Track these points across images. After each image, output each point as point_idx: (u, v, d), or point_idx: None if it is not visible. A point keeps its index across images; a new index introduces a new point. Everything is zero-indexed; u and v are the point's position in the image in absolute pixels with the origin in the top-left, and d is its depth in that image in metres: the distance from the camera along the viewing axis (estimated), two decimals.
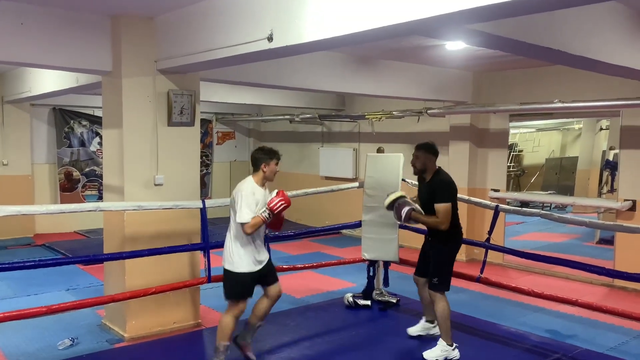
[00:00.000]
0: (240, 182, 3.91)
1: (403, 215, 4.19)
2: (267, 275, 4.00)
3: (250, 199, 3.75)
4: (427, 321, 4.72)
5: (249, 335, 4.13)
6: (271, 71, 5.53)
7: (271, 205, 3.74)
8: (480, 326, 4.96)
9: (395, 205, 4.29)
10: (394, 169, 5.42)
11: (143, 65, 4.51)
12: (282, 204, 3.75)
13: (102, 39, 4.46)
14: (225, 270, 3.89)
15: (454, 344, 4.23)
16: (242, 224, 3.72)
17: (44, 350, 4.38)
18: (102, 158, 5.07)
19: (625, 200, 6.42)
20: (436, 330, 4.52)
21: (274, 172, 3.88)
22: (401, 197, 4.32)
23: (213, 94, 7.47)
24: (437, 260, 4.29)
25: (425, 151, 4.32)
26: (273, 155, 3.86)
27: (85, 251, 7.39)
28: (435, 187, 4.21)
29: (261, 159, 3.85)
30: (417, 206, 4.27)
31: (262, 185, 3.89)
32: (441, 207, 4.11)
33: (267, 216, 3.73)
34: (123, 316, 4.64)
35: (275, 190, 3.86)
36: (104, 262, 4.96)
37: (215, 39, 3.90)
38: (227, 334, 3.93)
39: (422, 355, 4.20)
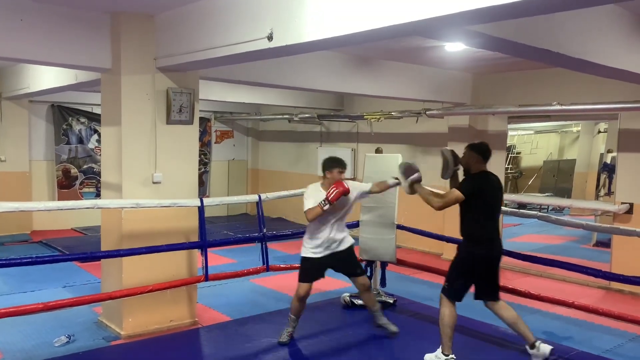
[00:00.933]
0: None
1: (410, 177, 4.12)
2: (342, 264, 4.53)
3: (309, 194, 4.41)
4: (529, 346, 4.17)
5: (378, 319, 4.73)
6: (270, 70, 5.53)
7: (327, 194, 4.22)
8: (477, 327, 4.97)
9: (407, 166, 4.23)
10: (392, 170, 5.42)
11: (142, 63, 4.51)
12: (334, 191, 4.21)
13: (101, 36, 4.46)
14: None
15: (451, 355, 4.02)
16: (305, 212, 4.32)
17: (40, 347, 4.38)
18: (100, 155, 5.07)
19: (622, 203, 6.43)
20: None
21: (335, 179, 4.33)
22: (414, 165, 4.26)
23: (212, 92, 7.46)
24: (451, 265, 4.17)
25: (470, 149, 4.15)
26: (337, 165, 4.39)
27: (83, 248, 7.40)
28: (463, 180, 4.08)
29: (326, 166, 4.43)
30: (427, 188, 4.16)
31: (326, 188, 4.32)
32: (453, 190, 3.99)
33: (323, 203, 4.20)
34: (120, 314, 4.63)
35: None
36: (101, 260, 4.96)
37: (215, 38, 3.90)
38: (293, 309, 4.58)
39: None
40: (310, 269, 4.48)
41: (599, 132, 11.02)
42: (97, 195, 9.47)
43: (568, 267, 4.83)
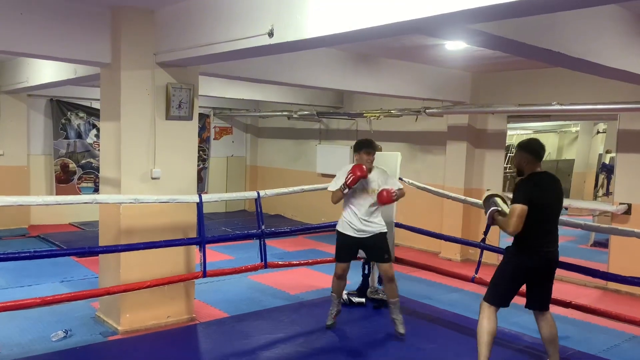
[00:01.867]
0: None
1: (487, 214, 3.85)
2: (370, 249, 4.68)
3: (339, 175, 4.62)
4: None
5: (392, 312, 4.67)
6: (270, 67, 5.52)
7: (346, 178, 4.43)
8: (475, 326, 4.96)
9: (486, 202, 3.96)
10: (391, 168, 5.41)
11: (142, 58, 4.49)
12: (350, 176, 4.40)
13: (101, 31, 4.44)
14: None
15: None
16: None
17: (37, 342, 4.37)
18: (98, 150, 5.06)
19: (620, 203, 6.44)
20: None
21: (364, 161, 4.53)
22: (495, 195, 3.97)
23: (211, 88, 7.44)
24: (496, 269, 3.90)
25: (520, 149, 3.77)
26: (364, 146, 4.57)
27: (81, 243, 7.38)
28: (515, 188, 3.73)
29: (354, 148, 4.68)
30: (505, 207, 3.82)
31: None
32: (512, 208, 3.59)
33: (343, 187, 4.44)
34: (117, 309, 4.63)
35: None
36: (99, 255, 4.95)
37: (215, 33, 3.89)
38: (333, 287, 4.86)
39: None
40: (343, 247, 4.71)
41: (598, 132, 11.02)
42: (95, 190, 9.46)
43: (566, 267, 4.80)
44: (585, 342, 4.76)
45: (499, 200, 3.90)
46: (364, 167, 4.44)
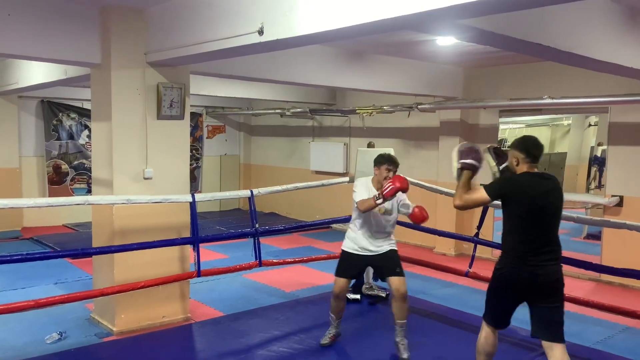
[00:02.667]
0: None
1: (462, 160, 3.40)
2: (379, 266, 4.25)
3: (359, 186, 4.24)
4: None
5: (397, 335, 4.21)
6: (262, 65, 5.51)
7: (383, 188, 3.98)
8: (469, 320, 4.99)
9: (466, 148, 3.47)
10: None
11: (133, 58, 4.47)
12: (389, 186, 3.95)
13: (91, 31, 4.41)
14: None
15: None
16: (357, 203, 4.12)
17: (32, 344, 4.36)
18: (91, 151, 5.03)
19: (612, 196, 6.48)
20: None
21: (383, 177, 4.13)
22: (494, 151, 3.53)
23: (203, 87, 7.42)
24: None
25: (512, 146, 3.32)
26: (382, 162, 4.19)
27: (74, 245, 7.36)
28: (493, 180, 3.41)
29: (375, 162, 4.26)
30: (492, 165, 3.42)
31: (375, 184, 4.19)
32: (477, 189, 3.29)
33: (377, 196, 3.97)
34: (112, 310, 4.62)
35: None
36: (93, 256, 4.93)
37: (205, 32, 3.87)
38: (331, 307, 4.44)
39: None
40: (347, 263, 4.29)
41: (590, 125, 11.06)
42: (89, 191, 9.41)
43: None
44: (579, 334, 4.79)
45: (490, 158, 3.45)
46: (406, 179, 4.02)
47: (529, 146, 3.25)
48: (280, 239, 8.67)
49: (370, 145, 6.16)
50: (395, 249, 4.29)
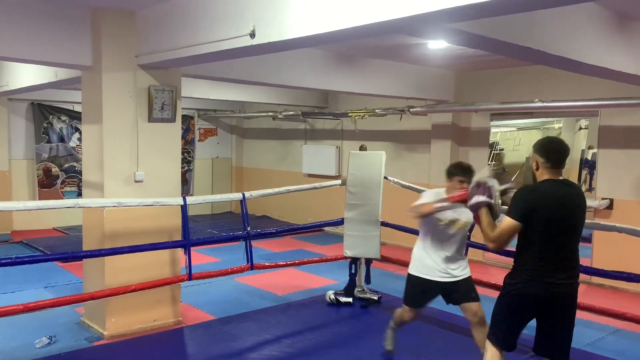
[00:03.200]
0: None
1: (472, 203, 3.11)
2: (453, 293, 3.77)
3: (427, 195, 3.82)
4: None
5: None
6: (254, 68, 5.51)
7: (449, 195, 3.57)
8: (461, 323, 4.99)
9: (478, 187, 3.14)
10: (376, 167, 5.44)
11: (124, 60, 4.45)
12: (457, 193, 3.47)
13: (82, 33, 4.39)
14: None
15: None
16: (413, 206, 3.69)
17: (21, 349, 4.32)
18: (81, 154, 5.00)
19: (602, 198, 6.52)
20: None
21: (453, 189, 3.60)
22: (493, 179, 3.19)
23: (195, 90, 7.40)
24: (495, 303, 3.18)
25: (533, 150, 3.04)
26: (454, 174, 3.66)
27: (64, 248, 7.31)
28: (514, 195, 3.07)
29: (447, 173, 3.74)
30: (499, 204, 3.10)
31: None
32: (503, 221, 2.99)
33: (443, 200, 3.56)
34: (102, 314, 4.59)
35: None
36: (83, 260, 4.90)
37: (197, 35, 3.87)
38: (395, 322, 4.08)
39: None
40: (418, 290, 3.80)
41: (580, 128, 11.16)
42: (79, 194, 9.34)
43: None
44: None
45: (496, 189, 3.11)
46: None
47: (549, 149, 2.97)
48: (272, 242, 8.66)
49: (362, 148, 6.16)
50: (470, 274, 3.83)
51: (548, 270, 2.91)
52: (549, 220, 2.89)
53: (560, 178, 2.99)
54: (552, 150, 2.98)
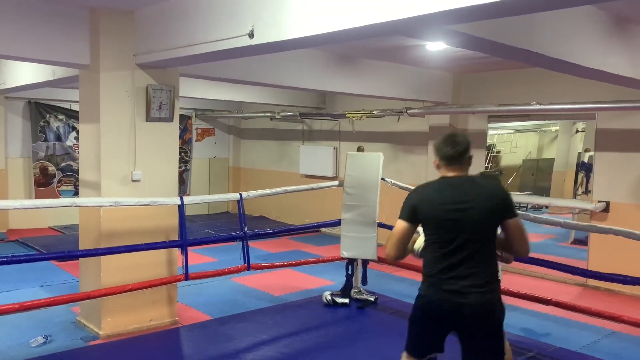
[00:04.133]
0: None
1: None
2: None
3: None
4: None
5: None
6: (252, 68, 5.50)
7: None
8: None
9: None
10: (373, 168, 5.44)
11: (121, 59, 4.44)
12: None
13: (80, 32, 4.38)
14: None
15: None
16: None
17: (16, 348, 4.30)
18: (78, 153, 4.99)
19: (599, 201, 6.54)
20: None
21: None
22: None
23: (193, 89, 7.39)
24: None
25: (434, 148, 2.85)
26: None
27: (61, 247, 7.28)
28: None
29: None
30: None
31: None
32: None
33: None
34: (98, 313, 4.57)
35: None
36: (80, 259, 4.89)
37: (195, 34, 3.86)
38: None
39: None
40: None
41: (577, 131, 11.19)
42: (76, 193, 9.32)
43: (546, 264, 4.88)
44: (566, 338, 4.82)
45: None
46: None
47: (439, 146, 2.76)
48: (269, 242, 8.65)
49: (359, 150, 6.18)
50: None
51: (449, 277, 2.61)
52: (434, 220, 2.65)
53: (461, 174, 2.74)
54: (442, 147, 2.75)
